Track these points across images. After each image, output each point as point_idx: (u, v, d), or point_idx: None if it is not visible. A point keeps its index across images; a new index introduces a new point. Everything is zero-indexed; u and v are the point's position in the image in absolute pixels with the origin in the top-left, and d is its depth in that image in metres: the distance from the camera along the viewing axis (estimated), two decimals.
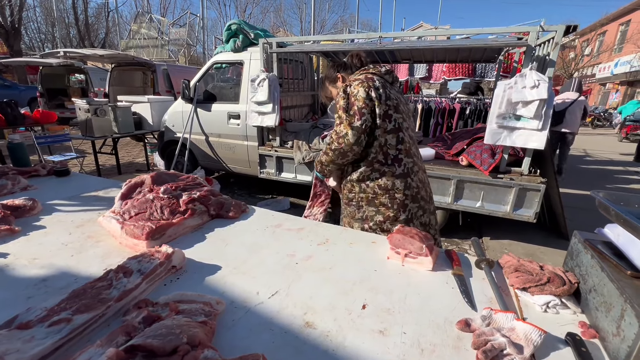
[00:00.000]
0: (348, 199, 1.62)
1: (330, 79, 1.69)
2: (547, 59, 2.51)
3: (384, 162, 1.51)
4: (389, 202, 1.53)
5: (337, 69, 1.67)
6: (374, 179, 1.52)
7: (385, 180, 1.51)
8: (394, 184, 1.51)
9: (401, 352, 0.70)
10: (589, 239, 0.88)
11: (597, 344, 0.73)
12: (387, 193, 1.52)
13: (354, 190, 1.58)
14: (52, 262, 1.01)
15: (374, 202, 1.55)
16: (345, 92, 1.47)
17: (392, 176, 1.51)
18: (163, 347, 0.60)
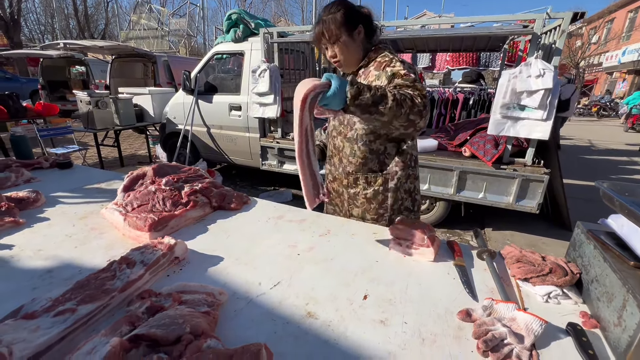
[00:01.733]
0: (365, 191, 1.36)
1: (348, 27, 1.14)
2: (553, 48, 2.46)
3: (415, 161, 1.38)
4: (411, 205, 1.40)
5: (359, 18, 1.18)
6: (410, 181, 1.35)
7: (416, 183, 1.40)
8: (416, 187, 1.40)
9: (402, 342, 0.70)
10: (592, 229, 0.88)
11: (598, 334, 0.73)
12: (410, 196, 1.38)
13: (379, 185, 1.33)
14: (57, 253, 1.02)
15: (400, 207, 1.37)
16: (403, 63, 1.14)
17: (415, 179, 1.40)
18: (166, 336, 0.60)
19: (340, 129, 1.36)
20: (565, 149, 7.74)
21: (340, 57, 1.21)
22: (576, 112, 16.86)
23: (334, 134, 1.40)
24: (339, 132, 1.36)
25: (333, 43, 1.18)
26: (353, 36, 1.18)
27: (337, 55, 1.21)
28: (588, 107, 16.51)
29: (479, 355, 0.67)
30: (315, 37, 1.22)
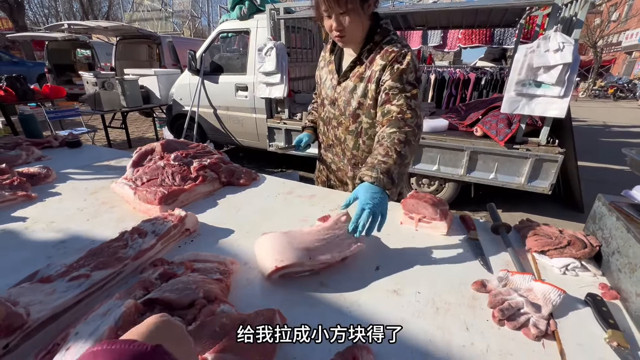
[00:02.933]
0: None
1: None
2: (574, 20, 2.34)
3: None
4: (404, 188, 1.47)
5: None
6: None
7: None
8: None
9: (416, 310, 0.70)
10: (614, 201, 0.85)
11: (618, 305, 0.71)
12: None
13: None
14: (69, 225, 1.03)
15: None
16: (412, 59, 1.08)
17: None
18: (180, 300, 0.60)
19: (341, 119, 1.24)
20: (579, 131, 7.52)
21: (347, 29, 1.04)
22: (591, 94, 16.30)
23: (334, 123, 1.27)
24: (339, 123, 1.25)
25: (342, 11, 1.00)
26: (364, 8, 1.03)
27: (342, 26, 1.03)
28: (604, 88, 15.92)
29: (495, 323, 0.66)
30: (323, 1, 1.00)
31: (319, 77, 1.33)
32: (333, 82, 1.23)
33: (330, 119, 1.29)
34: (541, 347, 0.61)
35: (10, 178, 1.24)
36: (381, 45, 1.10)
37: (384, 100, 1.07)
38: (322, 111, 1.32)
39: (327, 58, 1.27)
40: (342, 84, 1.19)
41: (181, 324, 0.44)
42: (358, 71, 1.14)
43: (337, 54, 1.23)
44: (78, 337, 0.51)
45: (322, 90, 1.30)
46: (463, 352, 0.60)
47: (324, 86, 1.28)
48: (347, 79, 1.17)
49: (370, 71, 1.11)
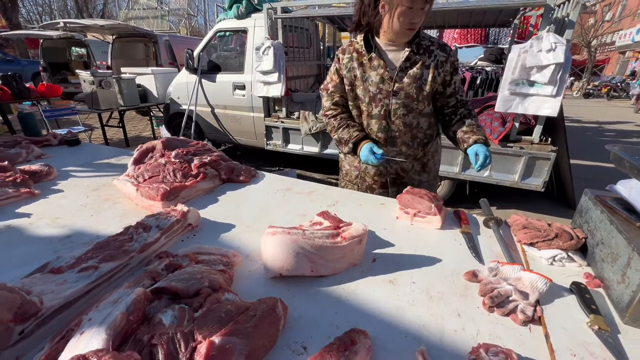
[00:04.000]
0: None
1: None
2: (566, 21, 2.39)
3: None
4: None
5: None
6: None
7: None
8: None
9: (411, 299, 0.73)
10: (599, 195, 0.89)
11: (601, 293, 0.75)
12: None
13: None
14: (74, 221, 1.05)
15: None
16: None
17: None
18: (186, 289, 0.63)
19: (412, 105, 1.29)
20: (573, 130, 7.62)
21: (419, 24, 1.17)
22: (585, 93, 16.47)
23: (402, 112, 1.30)
24: (410, 109, 1.30)
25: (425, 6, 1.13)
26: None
27: (422, 18, 1.15)
28: (598, 87, 16.10)
29: (485, 310, 0.70)
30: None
31: (353, 78, 1.31)
32: (386, 75, 1.26)
33: (392, 110, 1.30)
34: (528, 332, 0.65)
35: (13, 175, 1.26)
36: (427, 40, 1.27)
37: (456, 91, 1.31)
38: (374, 108, 1.31)
39: (361, 58, 1.29)
40: (402, 74, 1.26)
41: None
42: (419, 60, 1.25)
43: (376, 50, 1.28)
44: (91, 322, 0.54)
45: (368, 88, 1.29)
46: (454, 336, 0.63)
47: (371, 83, 1.28)
48: (409, 69, 1.26)
49: (436, 61, 1.25)
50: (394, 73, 1.26)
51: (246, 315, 0.58)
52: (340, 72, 1.35)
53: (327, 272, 0.80)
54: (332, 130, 1.39)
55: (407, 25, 1.16)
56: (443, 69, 1.26)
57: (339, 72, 1.35)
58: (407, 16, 1.13)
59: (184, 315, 0.58)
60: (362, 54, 1.29)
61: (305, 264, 0.78)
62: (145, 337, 0.52)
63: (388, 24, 1.18)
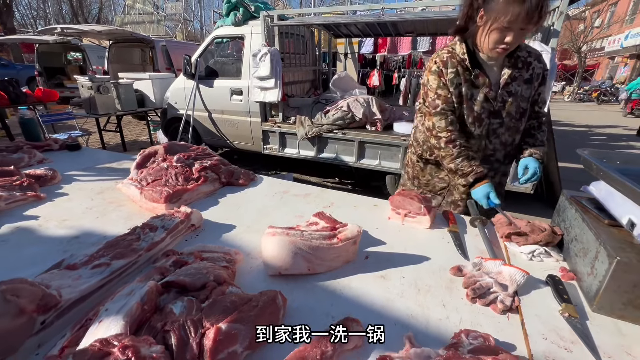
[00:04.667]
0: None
1: None
2: (551, 29, 2.49)
3: None
4: None
5: None
6: None
7: None
8: None
9: (400, 291, 0.79)
10: (574, 195, 0.96)
11: (574, 285, 0.82)
12: None
13: None
14: (80, 223, 1.10)
15: None
16: None
17: None
18: (194, 283, 0.69)
19: (510, 124, 1.25)
20: (564, 134, 7.79)
21: (514, 45, 1.08)
22: (576, 98, 16.80)
23: (501, 131, 1.26)
24: (508, 128, 1.26)
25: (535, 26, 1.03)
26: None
27: (519, 40, 1.07)
28: (588, 92, 16.42)
29: (468, 301, 0.76)
30: (517, 14, 0.99)
31: (457, 94, 1.21)
32: (490, 94, 1.19)
33: (493, 129, 1.26)
34: (506, 320, 0.71)
35: (20, 179, 1.31)
36: (525, 51, 1.21)
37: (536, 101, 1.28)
38: (477, 128, 1.25)
39: (465, 74, 1.20)
40: (503, 92, 1.20)
41: None
42: (520, 75, 1.19)
43: (478, 66, 1.20)
44: (108, 312, 0.59)
45: (473, 107, 1.22)
46: (439, 324, 0.70)
47: (475, 102, 1.22)
48: (509, 86, 1.20)
49: (532, 73, 1.20)
50: (497, 92, 1.19)
51: (249, 305, 0.64)
52: (447, 87, 1.22)
53: (323, 270, 0.86)
54: (448, 157, 1.23)
55: (500, 44, 1.07)
56: (538, 82, 1.21)
57: (447, 87, 1.22)
58: (501, 35, 1.05)
59: (192, 305, 0.63)
60: (466, 68, 1.19)
61: (302, 264, 0.83)
62: (159, 325, 0.57)
63: (480, 37, 1.11)
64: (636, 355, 0.63)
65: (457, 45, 1.22)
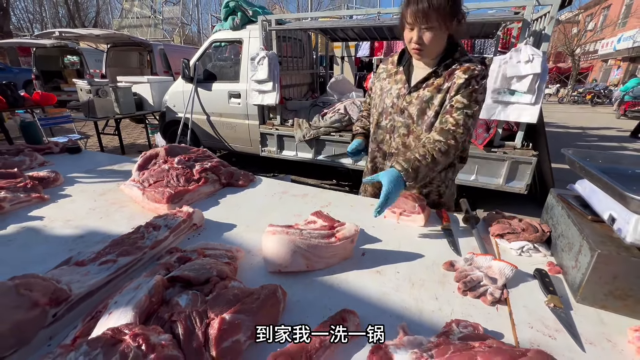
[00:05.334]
0: None
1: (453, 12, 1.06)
2: (542, 34, 2.56)
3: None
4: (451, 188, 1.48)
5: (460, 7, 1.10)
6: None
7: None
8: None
9: (395, 285, 0.83)
10: (561, 193, 1.00)
11: (560, 278, 0.86)
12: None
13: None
14: (85, 223, 1.13)
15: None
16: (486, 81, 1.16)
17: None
18: (198, 278, 0.72)
19: (412, 127, 1.24)
20: (558, 136, 7.89)
21: (427, 44, 1.08)
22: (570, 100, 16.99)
23: (402, 132, 1.27)
24: (410, 131, 1.26)
25: (425, 27, 1.05)
26: (451, 24, 1.08)
27: (422, 40, 1.08)
28: (582, 94, 16.63)
29: (459, 294, 0.80)
30: (411, 13, 1.04)
31: (378, 87, 1.34)
32: (402, 91, 1.24)
33: (396, 127, 1.28)
34: (495, 311, 0.75)
35: (23, 182, 1.33)
36: (461, 62, 1.15)
37: (447, 111, 1.14)
38: (384, 120, 1.31)
39: (392, 70, 1.30)
40: (414, 93, 1.21)
41: None
42: (435, 82, 1.17)
43: (406, 65, 1.25)
44: (117, 305, 0.62)
45: (385, 99, 1.29)
46: (432, 315, 0.73)
47: (388, 95, 1.28)
48: (419, 89, 1.20)
49: (451, 83, 1.13)
50: (409, 91, 1.23)
51: (251, 298, 0.67)
52: (374, 80, 1.40)
53: (321, 267, 0.90)
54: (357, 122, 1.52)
55: (410, 43, 1.11)
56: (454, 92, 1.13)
57: (374, 79, 1.41)
58: (408, 35, 1.11)
59: (197, 298, 0.67)
60: (395, 65, 1.29)
61: (301, 261, 0.87)
62: (166, 315, 0.61)
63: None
64: (616, 342, 0.67)
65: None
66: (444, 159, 1.10)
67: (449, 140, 1.10)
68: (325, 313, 0.72)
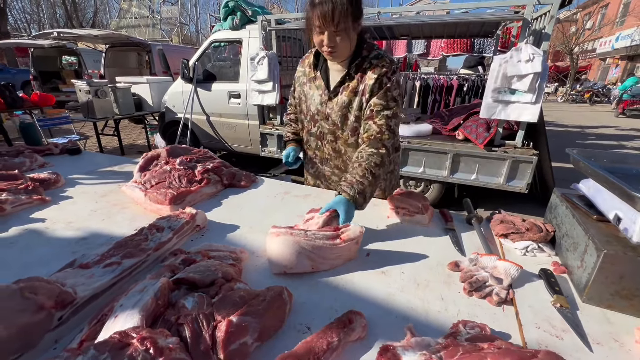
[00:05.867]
0: None
1: (356, 13, 1.06)
2: (542, 33, 2.56)
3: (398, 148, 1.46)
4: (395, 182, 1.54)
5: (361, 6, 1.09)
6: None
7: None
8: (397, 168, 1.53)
9: (400, 286, 0.83)
10: (565, 193, 1.00)
11: (566, 278, 0.86)
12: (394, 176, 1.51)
13: None
14: (87, 225, 1.12)
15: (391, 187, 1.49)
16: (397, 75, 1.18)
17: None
18: (203, 280, 0.72)
19: (338, 133, 1.27)
20: (557, 134, 7.91)
21: (339, 45, 1.08)
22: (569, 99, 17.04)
23: (330, 138, 1.30)
24: (336, 137, 1.29)
25: (336, 28, 1.03)
26: (356, 24, 1.09)
27: (335, 43, 1.06)
28: (581, 93, 16.67)
29: (465, 294, 0.80)
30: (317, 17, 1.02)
31: (302, 93, 1.33)
32: (323, 97, 1.24)
33: (324, 133, 1.30)
34: (501, 311, 0.75)
35: (24, 183, 1.33)
36: (370, 60, 1.15)
37: (368, 116, 1.15)
38: (313, 127, 1.33)
39: (311, 74, 1.28)
40: (334, 99, 1.21)
41: None
42: (350, 85, 1.17)
43: (322, 68, 1.24)
44: (123, 307, 0.62)
45: (310, 106, 1.29)
46: (438, 316, 0.73)
47: (312, 102, 1.28)
48: (338, 94, 1.20)
49: (364, 85, 1.14)
50: (329, 96, 1.22)
51: (257, 300, 0.67)
52: (295, 84, 1.37)
53: (326, 268, 0.89)
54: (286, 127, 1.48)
55: (321, 46, 1.09)
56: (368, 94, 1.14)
57: (295, 84, 1.38)
58: (317, 38, 1.09)
59: (203, 301, 0.66)
60: (312, 69, 1.27)
61: (306, 263, 0.86)
62: (172, 318, 0.60)
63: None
64: (623, 342, 0.67)
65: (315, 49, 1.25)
66: (382, 171, 1.11)
67: (380, 150, 1.10)
68: (331, 315, 0.71)
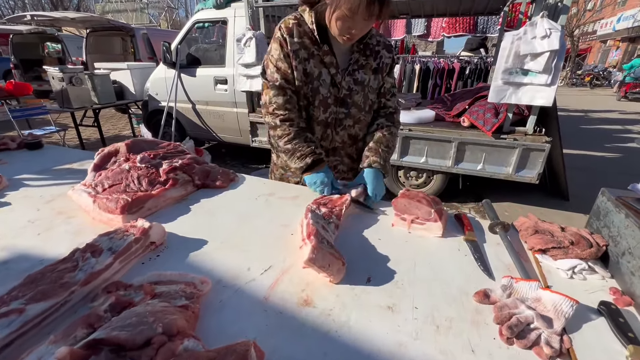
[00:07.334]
0: None
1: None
2: (559, 5, 2.29)
3: None
4: None
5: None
6: None
7: None
8: None
9: (414, 330, 0.61)
10: (621, 196, 0.78)
11: (633, 312, 0.65)
12: None
13: None
14: (15, 242, 0.89)
15: None
16: None
17: None
18: (133, 339, 0.49)
19: (359, 116, 1.18)
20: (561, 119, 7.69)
21: (358, 35, 1.00)
22: (569, 83, 16.74)
23: (348, 123, 1.18)
24: (356, 121, 1.19)
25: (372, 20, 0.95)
26: None
27: (358, 32, 0.98)
28: (581, 76, 16.36)
29: (503, 342, 0.58)
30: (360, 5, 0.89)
31: (302, 70, 1.06)
32: (337, 77, 1.08)
33: (339, 119, 1.16)
34: None
35: None
36: (376, 37, 1.14)
37: (383, 94, 1.21)
38: (321, 113, 1.13)
39: (312, 47, 1.05)
40: (348, 78, 1.10)
41: None
42: (368, 64, 1.12)
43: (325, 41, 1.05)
44: None
45: (319, 88, 1.08)
46: None
47: (323, 83, 1.08)
48: (355, 72, 1.11)
49: (381, 63, 1.14)
50: (343, 77, 1.09)
51: None
52: (290, 59, 1.05)
53: None
54: (285, 137, 1.09)
55: (344, 33, 0.97)
56: (385, 72, 1.18)
57: (288, 59, 1.05)
58: (345, 23, 0.94)
59: None
60: (314, 41, 1.05)
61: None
62: None
63: (328, 17, 0.97)
64: None
65: (305, 13, 1.05)
66: (395, 141, 1.22)
67: (395, 124, 1.22)
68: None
